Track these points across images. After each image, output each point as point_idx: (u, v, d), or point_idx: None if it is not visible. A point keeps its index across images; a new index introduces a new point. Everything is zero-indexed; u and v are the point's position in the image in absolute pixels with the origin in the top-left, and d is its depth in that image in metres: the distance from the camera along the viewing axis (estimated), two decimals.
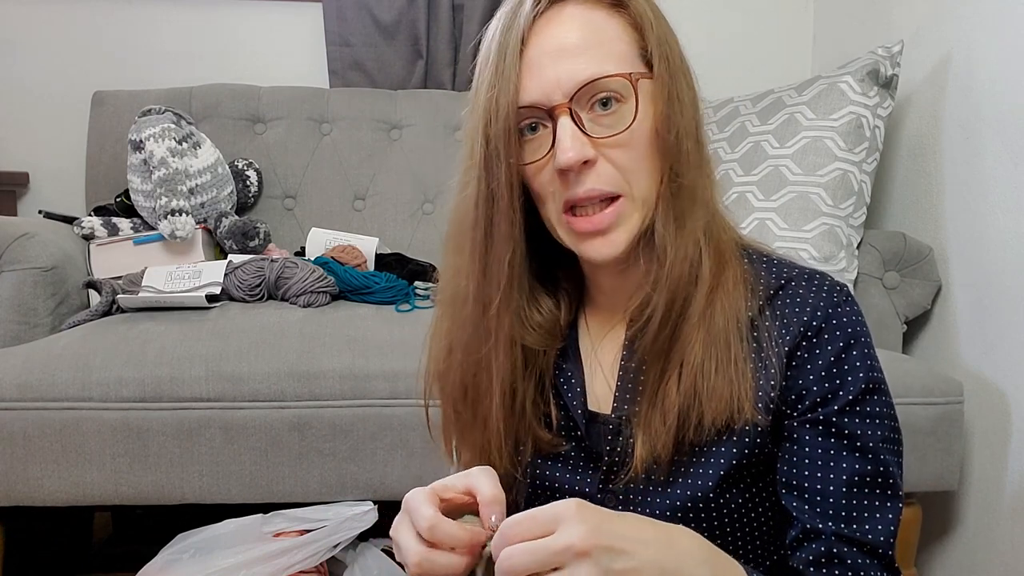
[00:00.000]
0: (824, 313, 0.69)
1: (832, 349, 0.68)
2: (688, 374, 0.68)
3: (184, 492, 1.31)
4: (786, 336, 0.69)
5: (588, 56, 0.66)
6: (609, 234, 0.68)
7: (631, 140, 0.67)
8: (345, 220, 2.00)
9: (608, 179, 0.67)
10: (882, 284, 1.64)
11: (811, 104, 1.68)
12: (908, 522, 1.44)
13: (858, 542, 0.66)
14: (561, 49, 0.66)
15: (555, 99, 0.66)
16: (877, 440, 0.68)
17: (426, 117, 2.08)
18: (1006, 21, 1.48)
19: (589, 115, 0.67)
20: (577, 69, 0.66)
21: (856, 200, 1.63)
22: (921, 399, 1.38)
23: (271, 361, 1.33)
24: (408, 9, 2.16)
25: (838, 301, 0.70)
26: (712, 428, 0.68)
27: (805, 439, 0.68)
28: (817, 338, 0.69)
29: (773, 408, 0.69)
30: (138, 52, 2.16)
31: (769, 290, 0.71)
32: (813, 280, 0.72)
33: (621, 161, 0.67)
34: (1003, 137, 1.48)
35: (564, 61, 0.66)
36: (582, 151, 0.66)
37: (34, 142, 2.14)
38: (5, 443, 1.27)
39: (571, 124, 0.66)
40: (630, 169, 0.67)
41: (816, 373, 0.68)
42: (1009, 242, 1.46)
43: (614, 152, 0.67)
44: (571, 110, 0.66)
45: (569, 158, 0.65)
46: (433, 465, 1.33)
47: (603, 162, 0.67)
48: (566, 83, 0.66)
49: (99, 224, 1.73)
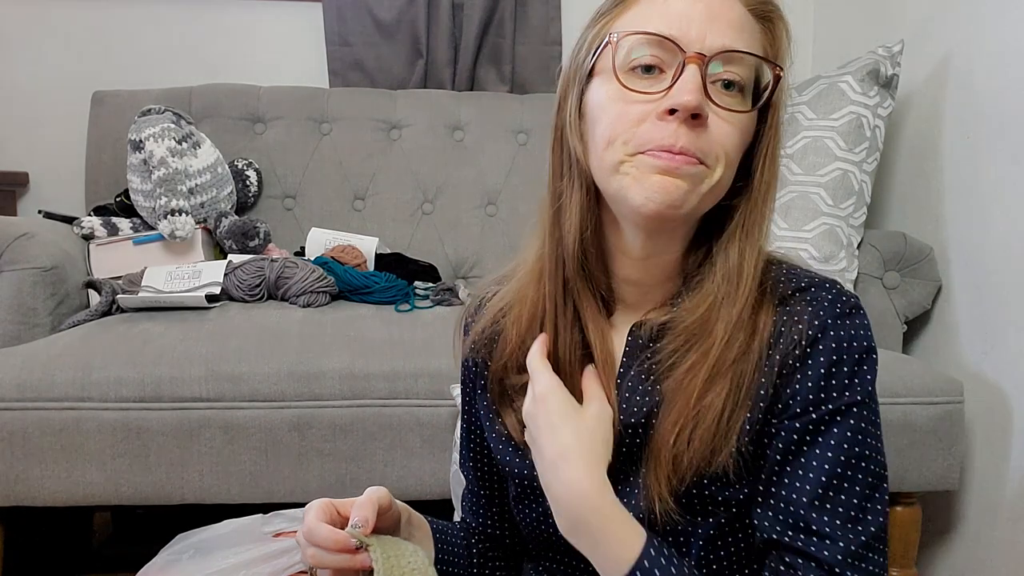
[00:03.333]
0: (822, 323, 0.65)
1: (824, 360, 0.65)
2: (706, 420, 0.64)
3: (184, 492, 1.31)
4: (780, 345, 0.66)
5: (742, 34, 0.64)
6: (675, 178, 0.63)
7: (742, 125, 0.65)
8: (345, 220, 2.00)
9: (703, 145, 0.63)
10: (882, 284, 1.64)
11: (811, 104, 1.68)
12: (908, 522, 1.44)
13: (814, 558, 0.62)
14: (717, 14, 0.64)
15: (693, 46, 0.63)
16: (851, 456, 0.64)
17: (426, 117, 2.08)
18: (1006, 21, 1.48)
19: (712, 84, 0.63)
20: (730, 37, 0.64)
21: (856, 200, 1.63)
22: (921, 399, 1.38)
23: (271, 361, 1.33)
24: (408, 9, 2.16)
25: (840, 312, 0.66)
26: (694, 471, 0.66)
27: (778, 447, 0.65)
28: (811, 348, 0.65)
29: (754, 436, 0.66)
30: (138, 52, 2.16)
31: (776, 298, 0.68)
32: (822, 289, 0.68)
33: (722, 137, 0.64)
34: (1003, 137, 1.48)
35: (718, 24, 0.64)
36: (702, 103, 0.62)
37: (34, 142, 2.14)
38: (5, 443, 1.27)
39: (699, 74, 0.62)
40: (726, 150, 0.64)
41: (803, 383, 0.65)
42: (1009, 242, 1.45)
43: (720, 125, 0.64)
44: (702, 65, 0.62)
45: (686, 100, 0.61)
46: (432, 465, 1.33)
47: (706, 128, 0.63)
48: (713, 40, 0.63)
49: (99, 224, 1.73)
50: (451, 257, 2.01)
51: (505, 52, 2.20)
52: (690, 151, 0.62)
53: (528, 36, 2.22)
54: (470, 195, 2.04)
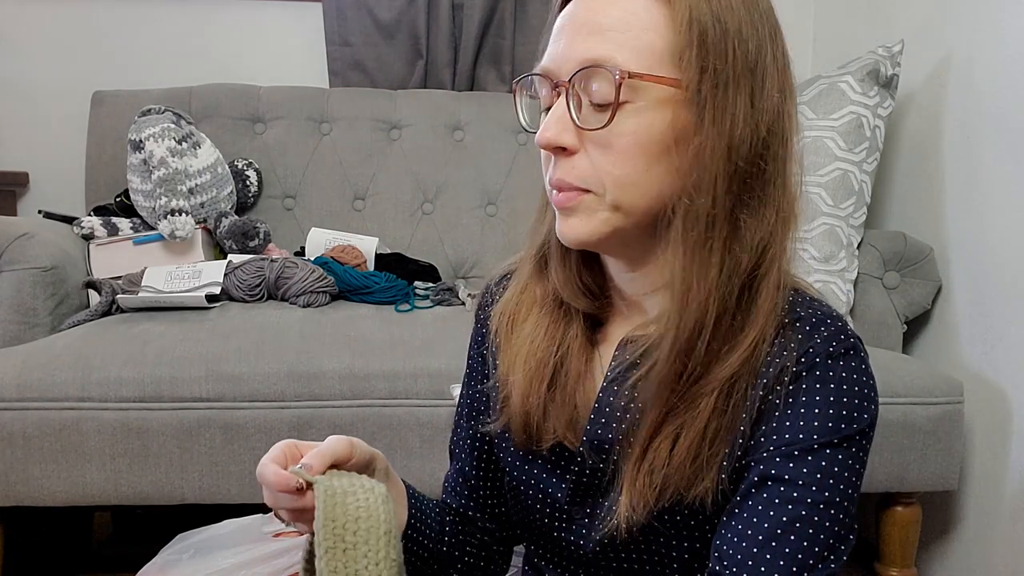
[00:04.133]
0: (810, 360, 0.61)
1: (807, 399, 0.61)
2: (686, 439, 0.61)
3: (184, 492, 1.31)
4: (765, 377, 0.62)
5: (605, 37, 0.60)
6: (569, 217, 0.63)
7: (613, 141, 0.60)
8: (345, 220, 2.00)
9: (579, 174, 0.62)
10: (882, 284, 1.64)
11: (811, 104, 1.68)
12: (908, 522, 1.44)
13: None
14: (586, 22, 0.61)
15: (562, 74, 0.62)
16: (820, 500, 0.59)
17: (426, 117, 2.08)
18: (1006, 21, 1.48)
19: (589, 102, 0.61)
20: (586, 47, 0.60)
21: (856, 200, 1.63)
22: (921, 399, 1.38)
23: (271, 361, 1.33)
24: (408, 9, 2.16)
25: (833, 352, 0.62)
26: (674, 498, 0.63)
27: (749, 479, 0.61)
28: (794, 384, 0.61)
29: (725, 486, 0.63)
30: (138, 52, 2.16)
31: (775, 326, 0.63)
32: (821, 324, 0.63)
33: (600, 160, 0.61)
34: (1003, 137, 1.48)
35: (582, 35, 0.61)
36: (559, 136, 0.61)
37: (34, 142, 2.14)
38: (5, 443, 1.27)
39: (563, 105, 0.61)
40: (608, 172, 0.61)
41: (781, 420, 0.61)
42: (1009, 242, 1.45)
43: (596, 148, 0.61)
44: (568, 90, 0.61)
45: (543, 138, 0.62)
46: (431, 465, 1.33)
47: (582, 155, 0.61)
48: (573, 59, 0.61)
49: (99, 224, 1.73)
50: (451, 257, 2.01)
51: (505, 52, 2.20)
52: (565, 183, 0.62)
53: (528, 36, 2.22)
54: (470, 195, 2.04)
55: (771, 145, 0.63)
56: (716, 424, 0.61)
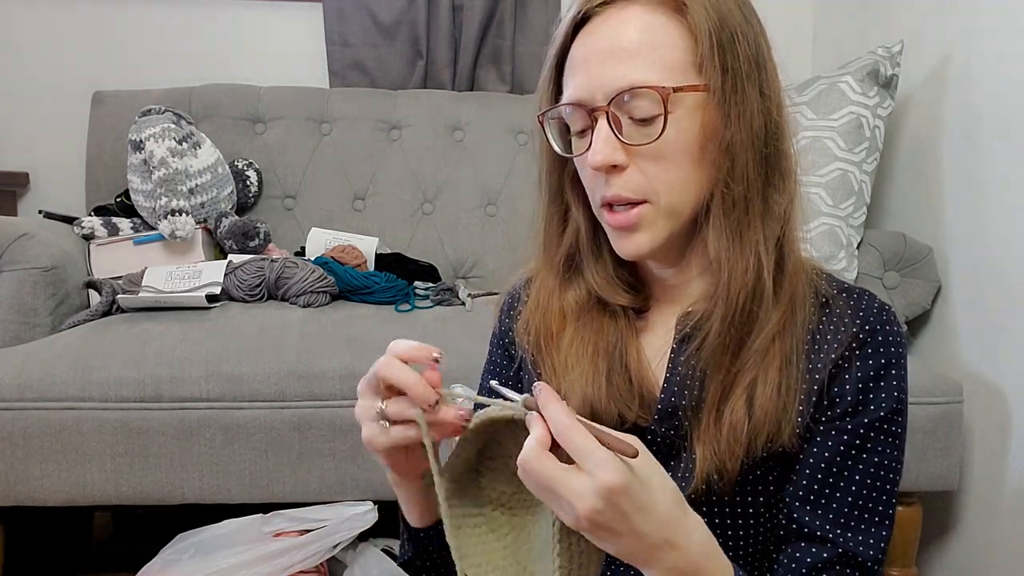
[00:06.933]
0: (871, 327, 0.70)
1: (873, 363, 0.69)
2: (762, 395, 0.67)
3: (184, 492, 1.31)
4: (835, 345, 0.70)
5: (636, 61, 0.66)
6: (633, 234, 0.69)
7: (663, 151, 0.66)
8: (345, 220, 2.00)
9: (634, 186, 0.67)
10: (882, 284, 1.64)
11: (811, 104, 1.68)
12: (908, 522, 1.44)
13: (851, 554, 0.67)
14: (611, 51, 0.66)
15: (596, 100, 0.67)
16: (892, 460, 0.70)
17: (426, 117, 2.08)
18: (1006, 21, 1.48)
19: (629, 120, 0.67)
20: (620, 74, 0.66)
21: (856, 200, 1.63)
22: (921, 399, 1.38)
23: (271, 361, 1.33)
24: (408, 9, 2.16)
25: (887, 319, 0.71)
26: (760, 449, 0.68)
27: (828, 444, 0.69)
28: (860, 349, 0.69)
29: (807, 423, 0.69)
30: (138, 52, 2.16)
31: (823, 298, 0.72)
32: (864, 295, 0.72)
33: (651, 170, 0.67)
34: (1003, 137, 1.48)
35: (611, 63, 0.66)
36: (611, 155, 0.66)
37: (34, 142, 2.14)
38: (5, 443, 1.27)
39: (607, 127, 0.66)
40: (660, 178, 0.67)
41: (853, 383, 0.69)
42: (1009, 242, 1.45)
43: (645, 160, 0.67)
44: (608, 114, 0.66)
45: (596, 160, 0.67)
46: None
47: (633, 169, 0.67)
48: (607, 86, 0.66)
49: (99, 224, 1.73)
50: (451, 257, 2.01)
51: (505, 52, 2.20)
52: (622, 198, 0.68)
53: (528, 36, 2.22)
54: (470, 195, 2.04)
55: (781, 124, 0.70)
56: (783, 378, 0.68)
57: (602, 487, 0.52)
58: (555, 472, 0.53)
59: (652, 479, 0.55)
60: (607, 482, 0.51)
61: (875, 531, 0.68)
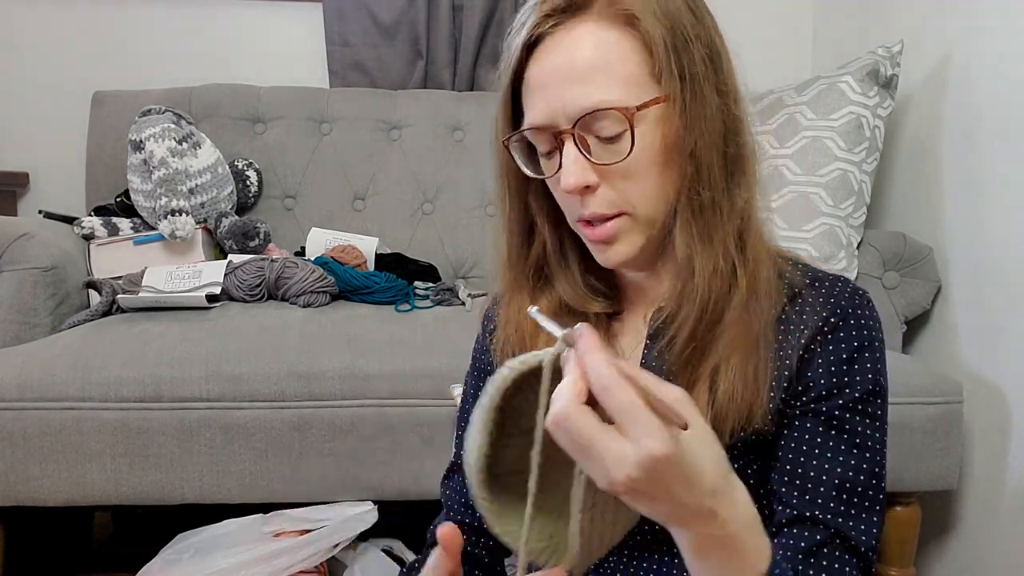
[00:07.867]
0: (843, 311, 0.70)
1: (845, 346, 0.69)
2: (723, 380, 0.67)
3: (184, 492, 1.31)
4: (803, 330, 0.70)
5: (595, 80, 0.65)
6: (614, 245, 0.70)
7: (632, 167, 0.67)
8: (345, 220, 2.00)
9: (609, 203, 0.68)
10: (882, 284, 1.64)
11: (811, 104, 1.68)
12: (908, 522, 1.44)
13: (844, 535, 0.67)
14: (568, 71, 0.66)
15: (560, 124, 0.67)
16: (874, 443, 0.69)
17: (426, 117, 2.08)
18: (1006, 21, 1.48)
19: (596, 139, 0.67)
20: (581, 95, 0.65)
21: (856, 200, 1.63)
22: (921, 399, 1.38)
23: (271, 361, 1.33)
24: (408, 9, 2.16)
25: (859, 303, 0.71)
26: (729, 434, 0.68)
27: (807, 427, 0.69)
28: (832, 333, 0.69)
29: (779, 407, 0.70)
30: (138, 52, 2.16)
31: (795, 287, 0.72)
32: (837, 281, 0.72)
33: (622, 185, 0.68)
34: (1003, 137, 1.48)
35: (569, 85, 0.66)
36: (583, 177, 0.66)
37: (34, 142, 2.14)
38: (5, 443, 1.27)
39: (575, 150, 0.66)
40: (633, 191, 0.68)
41: (826, 367, 0.69)
42: (1009, 242, 1.46)
43: (616, 177, 0.67)
44: (575, 136, 0.66)
45: (569, 184, 0.67)
46: (432, 465, 1.33)
47: (605, 187, 0.68)
48: (570, 108, 0.66)
49: (99, 224, 1.73)
50: (451, 257, 2.01)
51: None
52: (599, 215, 0.68)
53: None
54: (470, 195, 2.04)
55: (740, 118, 0.70)
56: (748, 365, 0.67)
57: (645, 457, 0.45)
58: (594, 433, 0.46)
59: (701, 451, 0.49)
60: (653, 451, 0.45)
61: (866, 516, 0.68)
